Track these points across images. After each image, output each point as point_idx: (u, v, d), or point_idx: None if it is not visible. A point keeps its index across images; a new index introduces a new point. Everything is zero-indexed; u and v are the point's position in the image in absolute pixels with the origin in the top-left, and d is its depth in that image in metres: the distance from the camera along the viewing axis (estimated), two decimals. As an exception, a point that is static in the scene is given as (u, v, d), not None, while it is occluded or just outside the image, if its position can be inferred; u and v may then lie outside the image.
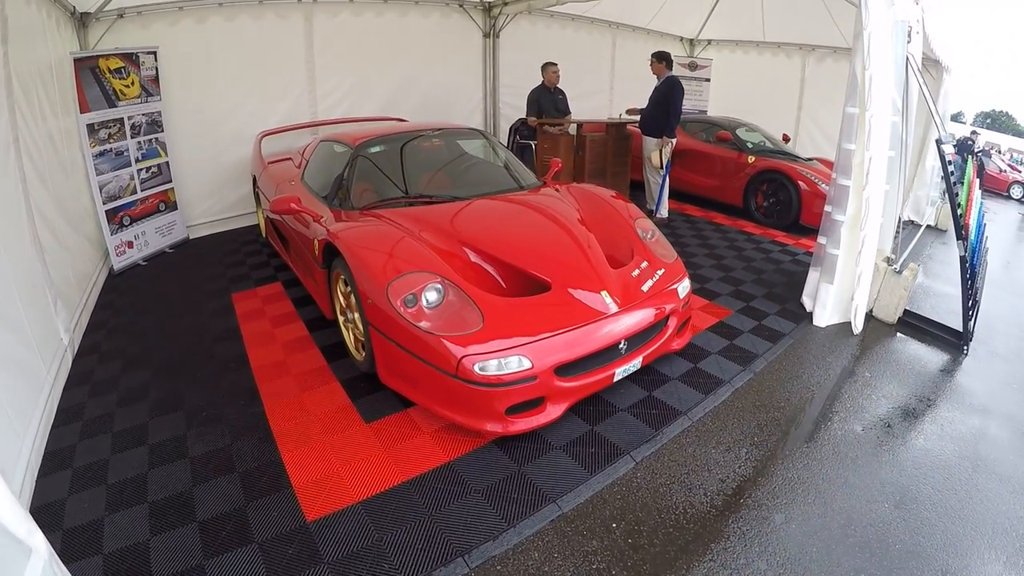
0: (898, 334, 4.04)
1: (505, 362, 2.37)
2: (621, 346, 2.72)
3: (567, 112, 6.58)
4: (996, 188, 16.27)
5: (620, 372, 2.75)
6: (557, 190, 3.92)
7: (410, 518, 2.16)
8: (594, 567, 2.02)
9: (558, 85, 6.50)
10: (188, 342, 3.58)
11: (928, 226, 4.57)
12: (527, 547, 2.08)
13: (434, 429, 2.67)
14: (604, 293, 2.76)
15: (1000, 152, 20.97)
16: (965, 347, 3.86)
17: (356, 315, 3.01)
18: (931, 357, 3.79)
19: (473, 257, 2.98)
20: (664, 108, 5.69)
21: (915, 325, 4.15)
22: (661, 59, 5.79)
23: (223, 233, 5.77)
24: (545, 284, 2.77)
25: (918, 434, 2.93)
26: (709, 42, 9.71)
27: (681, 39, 9.73)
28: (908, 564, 2.10)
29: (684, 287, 3.19)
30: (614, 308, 2.73)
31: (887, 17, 3.53)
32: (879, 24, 3.49)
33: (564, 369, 2.52)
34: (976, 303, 3.97)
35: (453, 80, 7.37)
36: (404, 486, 2.32)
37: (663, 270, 3.16)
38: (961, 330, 3.89)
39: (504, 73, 7.76)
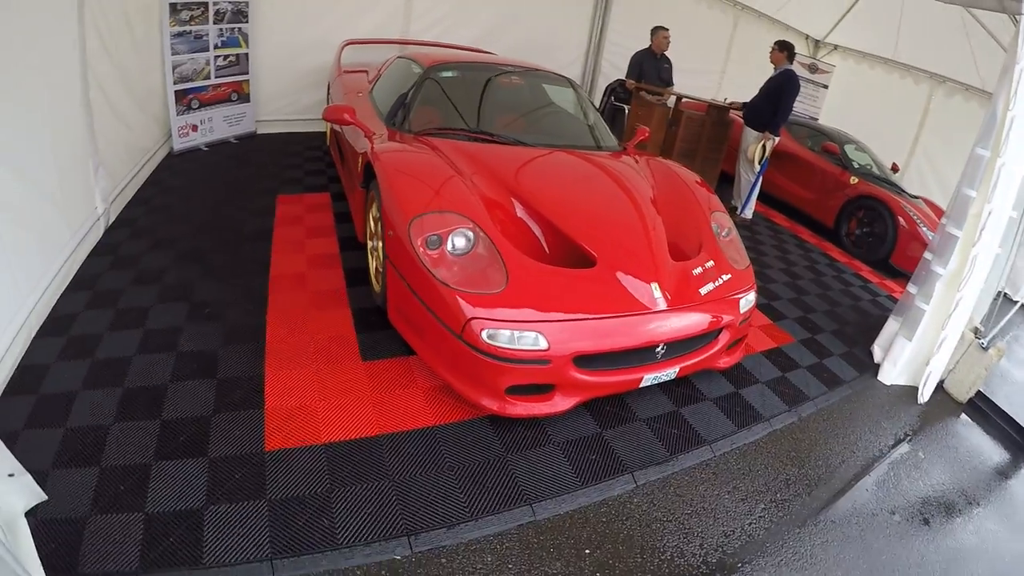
0: (963, 416, 3.49)
1: (519, 336, 2.09)
2: (659, 349, 2.38)
3: (670, 83, 6.02)
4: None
5: (650, 378, 2.41)
6: (636, 160, 3.52)
7: (371, 477, 1.97)
8: (548, 592, 1.77)
9: (666, 52, 5.93)
10: (220, 235, 3.50)
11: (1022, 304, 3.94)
12: (483, 547, 1.85)
13: (430, 387, 2.45)
14: (655, 285, 2.40)
15: None
16: (1035, 455, 3.30)
17: (380, 243, 2.80)
18: (994, 454, 3.22)
19: (520, 212, 2.67)
20: (773, 101, 5.09)
21: (984, 411, 3.57)
22: (783, 48, 5.17)
23: (291, 134, 5.64)
24: (591, 259, 2.45)
25: (956, 540, 2.46)
26: (835, 47, 8.68)
27: (807, 37, 8.73)
28: None
29: (748, 300, 2.77)
30: (662, 305, 2.37)
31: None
32: None
33: (586, 360, 2.21)
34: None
35: (558, 26, 6.88)
36: (378, 440, 2.12)
37: (730, 275, 2.75)
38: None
39: (612, 30, 7.21)
